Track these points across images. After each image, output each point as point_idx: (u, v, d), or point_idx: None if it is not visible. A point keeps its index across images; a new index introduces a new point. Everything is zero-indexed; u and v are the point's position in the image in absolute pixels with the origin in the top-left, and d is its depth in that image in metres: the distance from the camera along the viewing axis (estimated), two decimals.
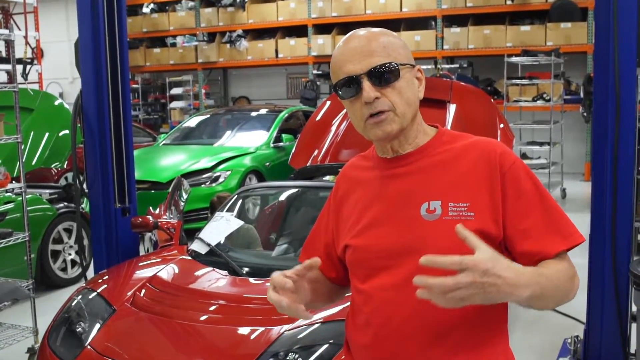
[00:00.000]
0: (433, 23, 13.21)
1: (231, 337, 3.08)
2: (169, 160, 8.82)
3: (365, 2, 13.55)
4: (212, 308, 3.33)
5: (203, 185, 8.19)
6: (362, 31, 1.71)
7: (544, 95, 10.39)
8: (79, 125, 4.83)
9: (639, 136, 3.65)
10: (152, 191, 7.99)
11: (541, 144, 10.14)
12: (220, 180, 8.31)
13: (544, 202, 1.63)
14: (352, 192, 1.80)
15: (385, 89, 1.62)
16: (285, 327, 3.08)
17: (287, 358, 2.89)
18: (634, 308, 3.71)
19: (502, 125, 5.74)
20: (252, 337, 3.03)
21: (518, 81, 10.56)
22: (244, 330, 3.09)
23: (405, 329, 1.60)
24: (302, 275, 1.63)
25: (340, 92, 1.68)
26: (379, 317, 1.65)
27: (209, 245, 4.05)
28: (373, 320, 1.67)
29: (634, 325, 3.75)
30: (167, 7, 15.74)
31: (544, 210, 1.62)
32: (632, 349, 3.76)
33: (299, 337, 3.05)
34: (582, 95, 11.57)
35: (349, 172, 1.87)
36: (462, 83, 6.82)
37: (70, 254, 6.51)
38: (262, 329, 3.06)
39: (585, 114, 11.61)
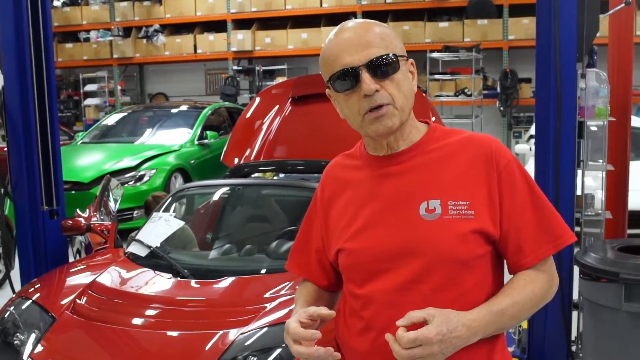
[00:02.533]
0: (353, 19, 13.23)
1: (185, 343, 2.96)
2: (90, 159, 8.50)
3: None
4: (161, 313, 3.19)
5: (127, 185, 7.93)
6: (354, 22, 1.63)
7: (465, 90, 10.61)
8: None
9: (579, 130, 3.73)
10: (73, 192, 7.68)
11: None
12: (145, 179, 8.08)
13: (536, 201, 1.63)
14: (340, 193, 1.72)
15: (384, 82, 1.56)
16: (239, 330, 2.99)
17: None
18: (575, 296, 3.82)
19: (434, 119, 5.80)
20: (206, 342, 2.92)
21: (440, 76, 10.73)
22: (197, 336, 2.97)
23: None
24: (315, 319, 1.59)
25: (335, 85, 1.60)
26: (381, 322, 1.59)
27: (149, 247, 3.90)
28: (374, 325, 1.61)
29: (575, 313, 3.86)
30: (79, 1, 15.17)
31: (536, 209, 1.62)
32: (574, 337, 3.86)
33: (251, 341, 2.96)
34: (498, 90, 11.90)
35: (334, 172, 1.78)
36: None
37: None
38: (216, 333, 2.96)
39: (502, 108, 11.95)
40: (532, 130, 8.98)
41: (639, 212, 5.25)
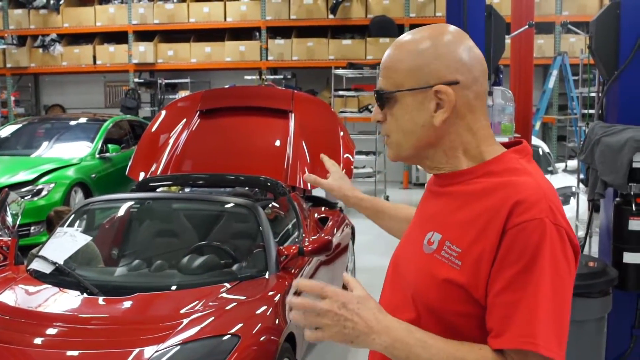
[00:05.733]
0: (257, 34, 13.28)
1: None
2: None
3: (188, 10, 13.32)
4: (71, 332, 3.06)
5: (24, 199, 7.57)
6: (396, 41, 1.53)
7: (369, 107, 10.81)
8: None
9: None
10: None
11: (367, 153, 10.52)
12: (44, 193, 7.73)
13: (532, 285, 1.30)
14: (423, 196, 1.69)
15: (387, 113, 1.51)
16: (155, 347, 2.90)
17: None
18: None
19: (342, 134, 5.89)
20: None
21: (344, 93, 10.88)
22: (112, 354, 2.87)
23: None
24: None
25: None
26: None
27: (54, 263, 3.73)
28: None
29: None
30: None
31: (524, 295, 1.31)
32: None
33: (167, 358, 2.89)
34: None
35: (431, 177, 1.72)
36: (303, 93, 6.89)
37: None
38: (131, 351, 2.87)
39: None
40: None
41: None
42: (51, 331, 3.06)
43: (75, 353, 2.90)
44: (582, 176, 6.68)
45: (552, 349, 1.29)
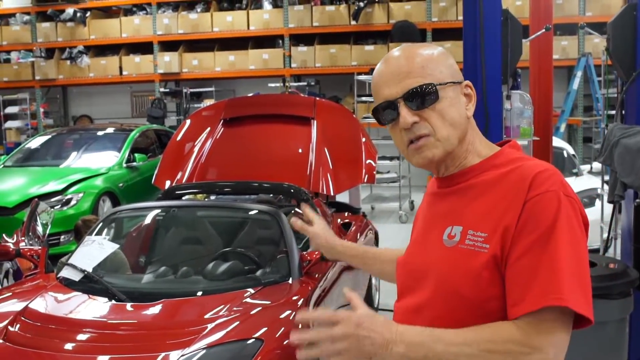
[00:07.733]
0: (280, 42, 13.39)
1: None
2: (14, 183, 8.24)
3: (212, 20, 13.48)
4: (99, 338, 3.14)
5: (54, 209, 7.72)
6: (400, 50, 1.58)
7: None
8: None
9: None
10: None
11: (391, 158, 10.54)
12: (73, 203, 7.89)
13: (551, 248, 1.37)
14: (424, 202, 1.73)
15: (425, 112, 1.51)
16: (180, 352, 2.98)
17: None
18: None
19: (364, 139, 5.93)
20: None
21: (367, 98, 10.92)
22: (138, 359, 2.95)
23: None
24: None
25: (379, 118, 1.58)
26: None
27: (83, 271, 3.83)
28: None
29: None
30: None
31: (544, 257, 1.37)
32: None
33: None
34: None
35: (430, 183, 1.75)
36: (325, 100, 6.95)
37: None
38: (157, 356, 2.94)
39: None
40: None
41: None
42: (81, 337, 3.15)
43: (105, 358, 2.99)
44: (606, 178, 6.64)
45: (582, 305, 1.34)
